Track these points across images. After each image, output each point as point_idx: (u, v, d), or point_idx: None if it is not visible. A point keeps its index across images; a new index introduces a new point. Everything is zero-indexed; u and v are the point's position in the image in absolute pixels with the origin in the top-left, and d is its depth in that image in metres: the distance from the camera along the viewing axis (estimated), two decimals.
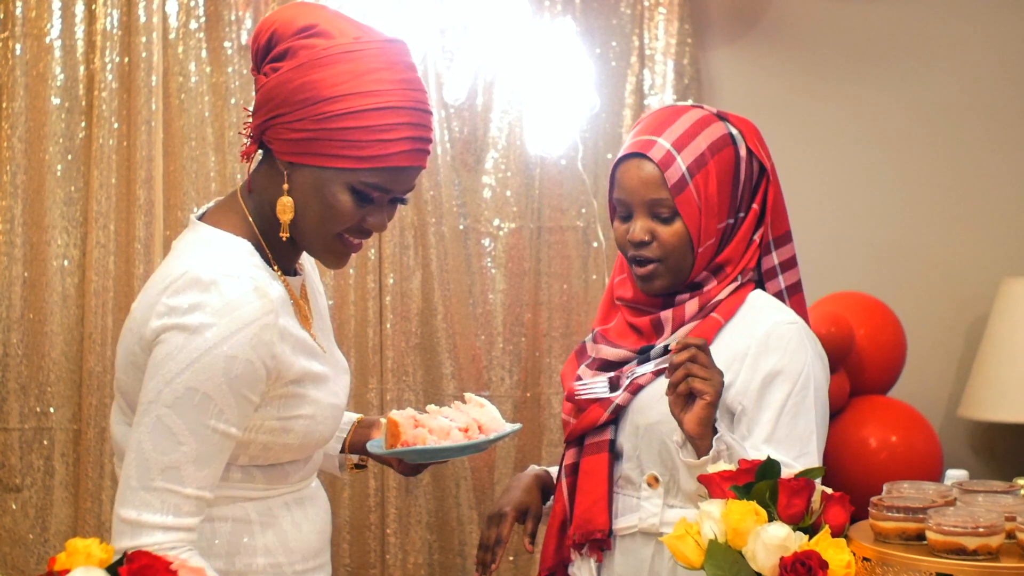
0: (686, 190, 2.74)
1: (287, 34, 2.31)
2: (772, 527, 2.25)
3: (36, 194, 3.77)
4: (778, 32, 4.49)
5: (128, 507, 2.22)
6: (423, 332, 4.06)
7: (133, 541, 2.20)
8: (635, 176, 2.78)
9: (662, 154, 2.75)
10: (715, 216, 2.77)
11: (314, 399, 2.38)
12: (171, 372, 2.21)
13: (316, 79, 2.27)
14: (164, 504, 2.21)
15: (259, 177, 2.39)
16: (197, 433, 2.22)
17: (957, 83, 4.58)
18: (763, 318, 2.77)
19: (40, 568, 3.69)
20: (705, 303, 2.80)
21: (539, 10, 4.10)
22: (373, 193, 2.32)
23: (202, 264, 2.27)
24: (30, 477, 3.77)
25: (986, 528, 2.24)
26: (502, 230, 4.11)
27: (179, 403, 2.21)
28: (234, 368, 2.22)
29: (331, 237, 2.36)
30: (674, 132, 2.78)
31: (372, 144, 2.28)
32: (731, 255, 2.81)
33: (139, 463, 2.22)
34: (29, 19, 3.76)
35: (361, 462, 2.78)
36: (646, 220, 2.78)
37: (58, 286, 3.78)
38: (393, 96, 2.29)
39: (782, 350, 2.73)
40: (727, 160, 2.80)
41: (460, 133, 4.10)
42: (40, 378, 3.77)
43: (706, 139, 2.79)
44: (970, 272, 4.59)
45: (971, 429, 4.61)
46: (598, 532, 2.80)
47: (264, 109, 2.32)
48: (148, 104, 3.78)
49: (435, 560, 4.07)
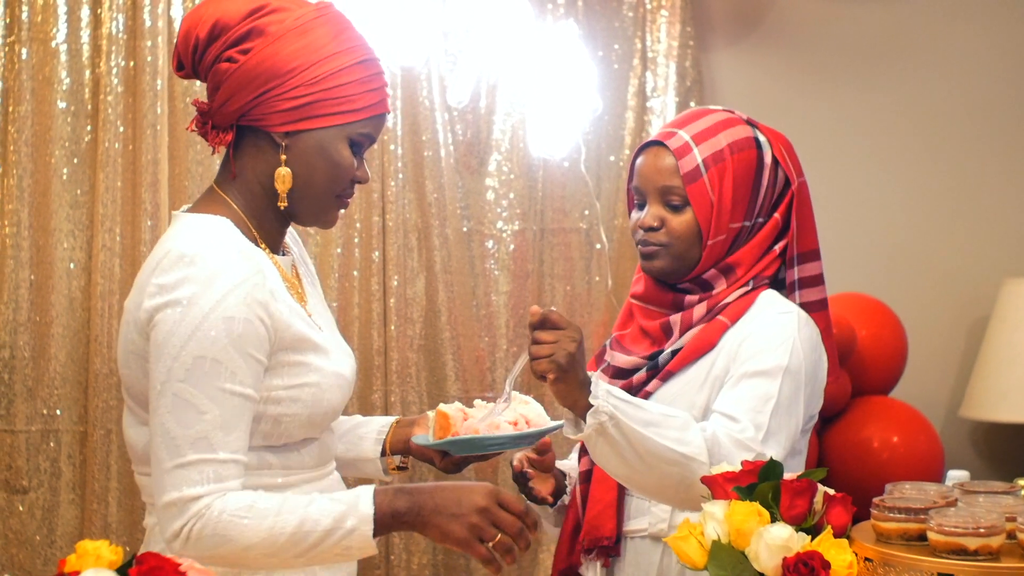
0: (699, 180, 2.76)
1: (236, 19, 2.39)
2: (775, 528, 2.26)
3: (42, 197, 3.79)
4: (780, 34, 4.50)
5: (169, 491, 2.25)
6: (427, 334, 4.07)
7: (183, 518, 2.24)
8: (651, 163, 2.81)
9: (680, 144, 2.78)
10: (728, 213, 2.78)
11: (317, 367, 2.41)
12: (175, 347, 2.25)
13: (300, 46, 2.38)
14: (202, 475, 2.25)
15: (244, 160, 2.45)
16: (216, 399, 2.26)
17: (958, 85, 4.59)
18: (762, 313, 2.78)
19: (47, 570, 3.70)
20: (713, 306, 2.80)
21: (542, 13, 4.11)
22: (364, 144, 2.46)
23: (184, 241, 2.33)
24: (37, 479, 3.78)
25: (987, 528, 2.26)
26: (505, 232, 4.13)
27: (191, 374, 2.25)
28: (235, 328, 2.27)
29: (331, 198, 2.47)
30: (696, 127, 2.82)
31: (362, 95, 2.41)
32: (743, 258, 2.81)
33: (167, 444, 2.25)
34: (35, 23, 3.78)
35: (403, 463, 2.80)
36: (658, 207, 2.80)
37: (64, 289, 3.79)
38: (363, 51, 2.44)
39: (768, 337, 2.73)
40: (747, 161, 2.80)
41: (463, 136, 4.11)
42: (47, 380, 3.78)
43: (728, 137, 2.80)
44: (971, 273, 4.60)
45: (973, 429, 4.62)
46: (605, 539, 2.81)
47: (247, 90, 2.38)
48: (153, 108, 3.79)
49: (439, 561, 4.08)
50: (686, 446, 2.56)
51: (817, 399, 2.81)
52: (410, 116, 4.04)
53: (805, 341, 2.75)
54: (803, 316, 2.79)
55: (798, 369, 2.72)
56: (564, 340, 2.50)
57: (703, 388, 2.76)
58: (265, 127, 2.40)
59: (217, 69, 2.40)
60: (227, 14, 2.39)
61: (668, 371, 2.78)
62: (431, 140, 4.04)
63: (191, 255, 2.30)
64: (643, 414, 2.56)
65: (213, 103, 2.43)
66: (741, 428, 2.63)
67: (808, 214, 2.89)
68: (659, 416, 2.57)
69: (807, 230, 2.88)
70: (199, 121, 2.47)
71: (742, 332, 2.76)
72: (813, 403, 2.79)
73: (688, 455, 2.55)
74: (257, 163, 2.43)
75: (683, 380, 2.78)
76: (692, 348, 2.78)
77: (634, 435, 2.53)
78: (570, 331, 2.51)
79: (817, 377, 2.79)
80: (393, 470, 2.79)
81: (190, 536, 2.24)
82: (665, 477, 2.57)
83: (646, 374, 2.81)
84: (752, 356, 2.72)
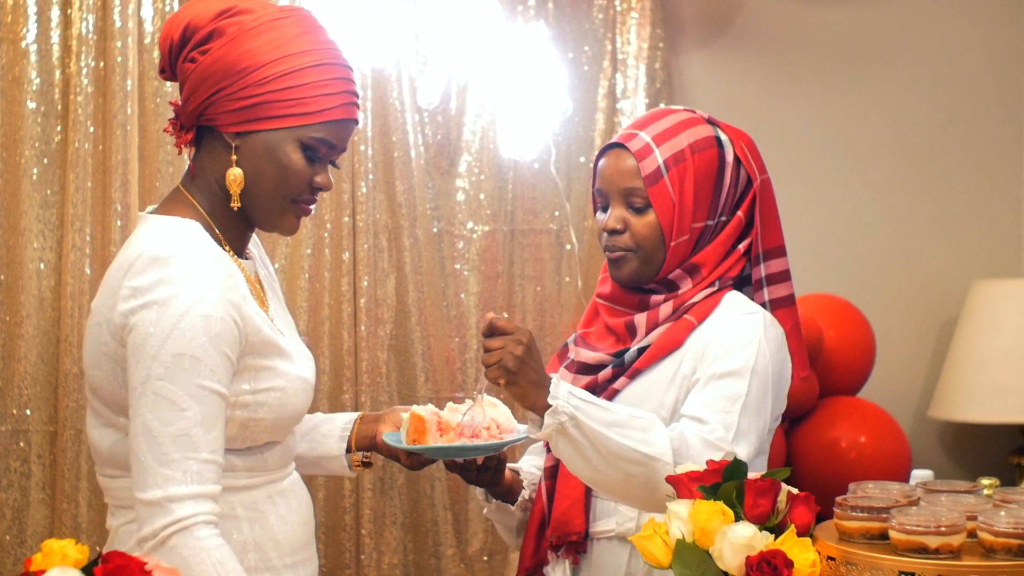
0: (660, 182, 2.78)
1: (205, 20, 2.40)
2: (738, 527, 2.27)
3: (12, 198, 3.78)
4: (750, 36, 4.51)
5: (150, 488, 2.24)
6: (397, 334, 4.08)
7: (165, 518, 2.23)
8: (612, 166, 2.83)
9: (640, 145, 2.80)
10: (690, 214, 2.79)
11: (283, 371, 2.42)
12: (154, 347, 2.25)
13: (252, 47, 2.37)
14: (186, 474, 2.24)
15: (202, 160, 2.46)
16: (196, 396, 2.26)
17: (928, 86, 4.61)
18: (727, 314, 2.80)
19: (16, 569, 3.69)
20: (679, 305, 2.82)
21: (512, 15, 4.12)
22: (320, 149, 2.42)
23: (156, 243, 2.33)
24: (6, 479, 3.78)
25: (948, 527, 2.27)
26: (475, 233, 4.14)
27: (170, 372, 2.25)
28: (212, 326, 2.28)
29: (286, 203, 2.44)
30: (657, 128, 2.83)
31: (315, 99, 2.39)
32: (707, 258, 2.83)
33: (148, 443, 2.24)
34: (5, 23, 3.77)
35: (366, 459, 2.81)
36: (621, 210, 2.82)
37: (34, 289, 3.79)
38: (325, 54, 2.42)
39: (733, 339, 2.74)
40: (708, 161, 2.82)
41: (433, 137, 4.12)
42: (16, 380, 3.78)
43: (688, 137, 2.82)
44: (940, 274, 4.63)
45: (941, 430, 4.65)
46: (574, 534, 2.82)
47: (201, 89, 2.39)
48: (124, 108, 3.79)
49: (410, 560, 4.09)
50: (650, 446, 2.57)
51: (782, 400, 2.83)
52: (380, 117, 4.04)
53: (771, 341, 2.77)
54: (768, 317, 2.80)
55: (765, 369, 2.74)
56: (510, 344, 2.53)
57: (671, 387, 2.77)
58: (218, 127, 2.41)
59: (182, 69, 2.42)
60: (198, 16, 2.41)
61: (635, 369, 2.79)
62: (401, 141, 4.05)
63: (164, 256, 2.30)
64: (606, 415, 2.57)
65: (180, 103, 2.45)
66: (710, 429, 2.64)
67: (772, 211, 2.90)
68: (623, 417, 2.59)
69: (771, 227, 2.89)
70: (173, 120, 2.48)
71: (708, 333, 2.77)
72: (778, 404, 2.81)
73: (652, 455, 2.56)
74: (213, 163, 2.44)
75: (650, 379, 2.79)
76: (659, 346, 2.79)
77: (595, 435, 2.55)
78: (517, 335, 2.54)
79: (783, 377, 2.81)
80: (357, 467, 2.80)
81: (166, 542, 2.23)
82: (629, 477, 2.58)
83: (612, 371, 2.82)
84: (719, 357, 2.73)
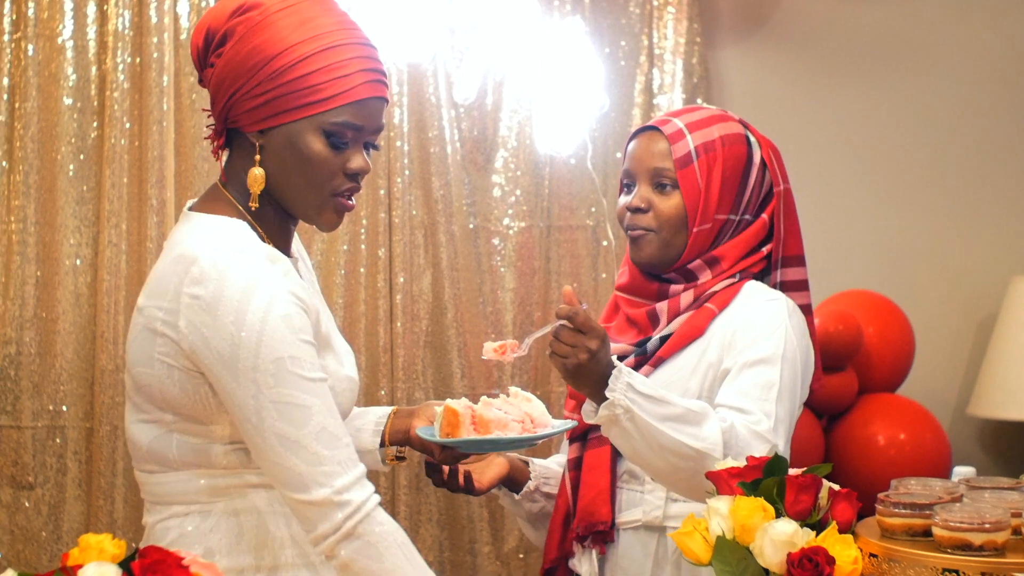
0: (690, 166, 2.82)
1: (221, 22, 2.38)
2: (779, 523, 2.26)
3: (48, 194, 3.79)
4: (787, 31, 4.49)
5: (314, 489, 2.25)
6: (433, 331, 4.07)
7: (342, 511, 2.26)
8: (644, 146, 2.87)
9: (674, 130, 2.85)
10: (715, 203, 2.83)
11: (332, 371, 2.42)
12: (248, 360, 2.25)
13: (260, 42, 2.34)
14: (342, 464, 2.27)
15: (233, 164, 2.44)
16: (311, 391, 2.28)
17: (965, 82, 4.58)
18: (749, 301, 2.82)
19: (52, 565, 3.69)
20: (700, 294, 2.84)
21: (548, 10, 4.11)
22: (346, 133, 2.37)
23: (212, 249, 2.31)
24: (43, 475, 3.78)
25: (992, 524, 2.25)
26: (512, 229, 4.13)
27: (278, 379, 2.25)
28: (294, 322, 2.28)
29: (324, 196, 2.40)
30: (690, 117, 2.89)
31: (330, 83, 2.34)
32: (728, 252, 2.85)
33: (292, 449, 2.25)
34: (41, 20, 3.77)
35: (400, 454, 2.80)
36: (647, 189, 2.85)
37: (70, 285, 3.79)
38: (336, 35, 2.37)
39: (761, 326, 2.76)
40: (738, 155, 2.85)
41: (470, 133, 4.11)
42: (53, 376, 3.78)
43: (721, 130, 2.86)
44: (979, 271, 4.60)
45: (980, 427, 4.62)
46: (601, 524, 2.83)
47: (221, 93, 2.38)
48: (160, 104, 3.79)
49: (445, 558, 4.08)
50: (701, 441, 2.58)
51: (807, 387, 2.85)
52: (416, 112, 4.03)
53: (796, 327, 2.80)
54: (790, 304, 2.84)
55: (794, 356, 2.77)
56: (579, 349, 2.55)
57: (695, 374, 2.79)
58: (241, 128, 2.39)
59: (204, 76, 2.42)
60: (215, 19, 2.39)
61: (659, 357, 2.82)
62: (437, 137, 4.04)
63: (223, 265, 2.28)
64: (661, 408, 2.58)
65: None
66: (756, 420, 2.66)
67: (794, 220, 2.93)
68: (678, 410, 2.60)
69: (792, 236, 2.92)
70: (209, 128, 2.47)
71: (732, 321, 2.79)
72: (804, 391, 2.83)
73: (702, 450, 2.58)
74: (242, 165, 2.42)
75: (674, 366, 2.82)
76: (681, 335, 2.82)
77: (648, 429, 2.56)
78: (589, 338, 2.55)
79: (808, 364, 2.84)
80: (391, 460, 2.80)
81: (353, 532, 2.26)
82: (677, 470, 2.60)
83: (635, 360, 2.83)
84: (748, 346, 2.75)
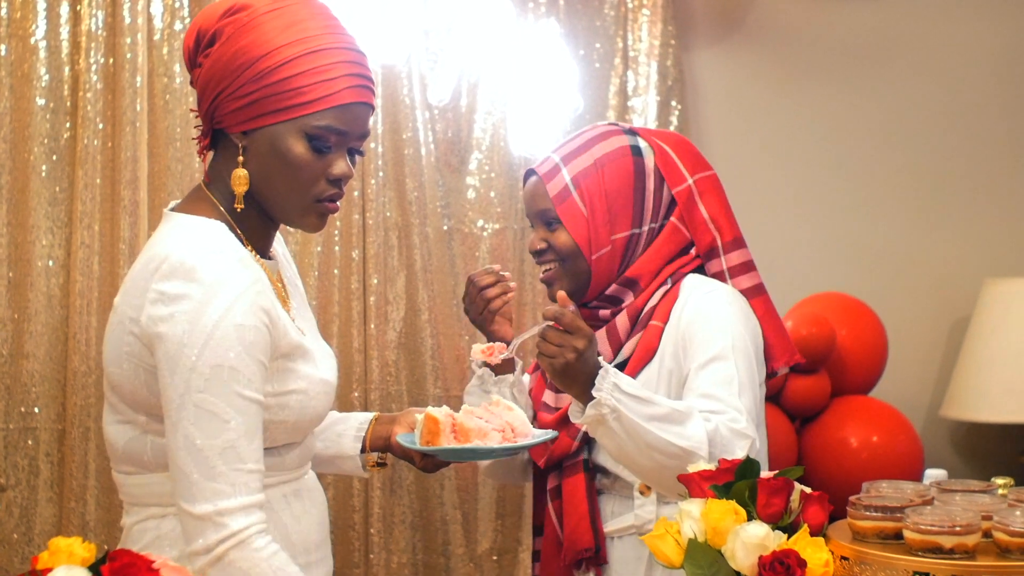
0: (568, 199, 2.85)
1: (211, 23, 2.37)
2: (751, 526, 2.26)
3: (21, 194, 3.77)
4: (762, 34, 4.50)
5: (200, 502, 2.22)
6: (407, 332, 4.06)
7: (218, 533, 2.22)
8: (529, 191, 2.94)
9: (549, 167, 2.89)
10: (605, 225, 2.85)
11: (305, 374, 2.40)
12: (190, 358, 2.23)
13: (246, 43, 2.33)
14: (234, 486, 2.23)
15: (217, 164, 2.43)
16: (237, 407, 2.24)
17: (940, 85, 4.59)
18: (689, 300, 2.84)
19: (24, 567, 3.68)
20: (635, 314, 2.86)
21: (523, 12, 4.11)
22: (329, 137, 2.36)
23: (185, 247, 2.30)
24: (15, 477, 3.76)
25: (963, 527, 2.26)
26: (486, 231, 4.12)
27: (210, 384, 2.23)
28: (247, 335, 2.25)
29: (307, 201, 2.39)
30: (567, 147, 2.92)
31: (314, 87, 2.34)
32: (642, 269, 2.88)
33: (193, 456, 2.22)
34: (14, 20, 3.76)
35: (381, 460, 2.80)
36: (542, 230, 2.91)
37: (43, 286, 3.78)
38: (323, 39, 2.36)
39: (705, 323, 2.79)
40: (622, 170, 2.88)
41: (444, 134, 4.11)
42: (24, 378, 3.76)
43: (599, 151, 2.89)
44: (952, 273, 4.61)
45: (953, 429, 4.63)
46: (585, 550, 2.85)
47: (207, 93, 2.37)
48: (133, 105, 3.77)
49: (419, 560, 4.08)
50: (687, 440, 2.60)
51: (762, 367, 2.87)
52: (391, 114, 4.03)
53: (738, 314, 2.83)
54: (727, 290, 2.86)
55: (744, 344, 2.79)
56: (567, 349, 2.56)
57: (660, 387, 2.82)
58: (225, 129, 2.38)
59: (193, 76, 2.41)
60: (207, 19, 2.39)
61: None
62: (412, 138, 4.04)
63: (192, 263, 2.27)
64: (647, 408, 2.60)
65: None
66: (732, 417, 2.68)
67: (721, 205, 2.93)
68: (664, 410, 2.61)
69: (725, 220, 2.93)
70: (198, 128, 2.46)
71: (678, 325, 2.82)
72: (761, 370, 2.86)
73: (688, 449, 2.59)
74: (228, 165, 2.40)
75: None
76: (637, 359, 2.86)
77: (635, 428, 2.57)
78: (576, 338, 2.56)
79: (758, 344, 2.86)
80: (372, 467, 2.79)
81: (223, 558, 2.22)
82: (663, 468, 2.61)
83: None
84: (699, 345, 2.78)
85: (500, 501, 4.11)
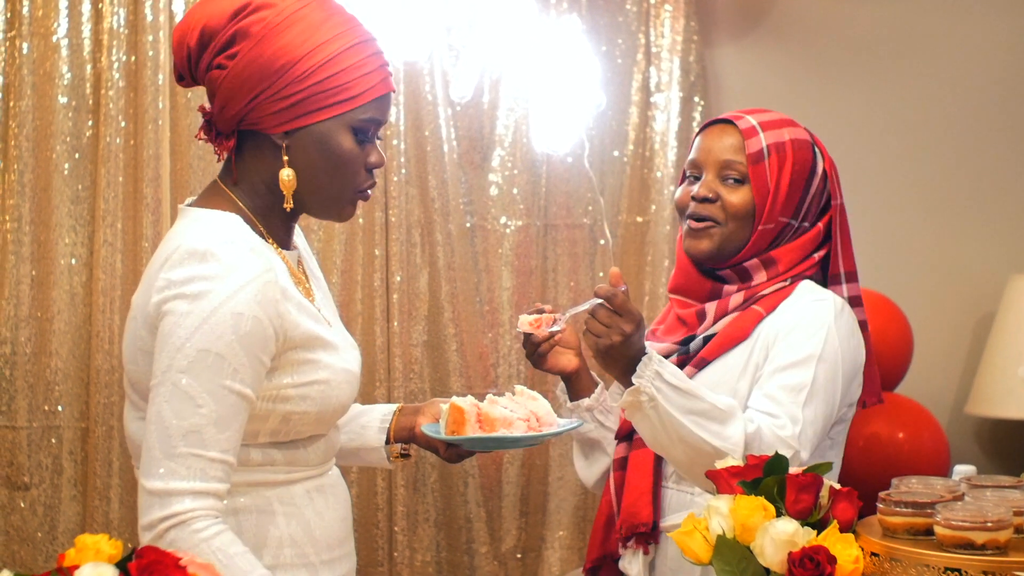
0: (761, 163, 2.82)
1: (222, 22, 2.35)
2: (780, 522, 2.25)
3: (43, 193, 3.77)
4: (784, 29, 4.49)
5: (154, 478, 2.22)
6: (430, 330, 4.06)
7: (162, 511, 2.21)
8: (716, 138, 2.87)
9: (748, 126, 2.85)
10: (781, 203, 2.83)
11: (327, 364, 2.40)
12: (180, 338, 2.23)
13: (285, 43, 2.33)
14: (190, 470, 2.22)
15: (247, 164, 2.42)
16: (214, 394, 2.24)
17: (964, 81, 4.57)
18: (797, 302, 2.81)
19: (48, 566, 3.69)
20: (750, 296, 2.83)
21: (545, 8, 4.10)
22: (370, 128, 2.40)
23: (196, 237, 2.31)
24: (38, 475, 3.77)
25: (994, 523, 2.24)
26: (509, 228, 4.12)
27: (193, 366, 2.23)
28: (242, 325, 2.25)
29: (350, 193, 2.43)
30: (762, 116, 2.89)
31: (356, 81, 2.36)
32: (784, 255, 2.85)
33: (160, 432, 2.23)
34: (36, 18, 3.76)
35: (405, 451, 2.80)
36: (714, 181, 2.85)
37: (65, 284, 3.78)
38: (353, 34, 2.39)
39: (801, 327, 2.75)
40: (805, 161, 2.87)
41: (466, 131, 4.10)
42: (48, 376, 3.77)
43: (791, 134, 2.88)
44: (977, 269, 4.59)
45: (978, 426, 4.61)
46: (642, 525, 2.82)
47: (239, 95, 2.35)
48: (155, 102, 3.77)
49: (443, 558, 4.07)
50: (722, 440, 2.58)
51: (856, 387, 2.84)
52: (413, 111, 4.02)
53: (841, 328, 2.78)
54: (839, 303, 2.81)
55: (834, 356, 2.75)
56: (614, 330, 2.56)
57: (744, 376, 2.79)
58: (263, 130, 2.37)
59: (210, 78, 2.38)
60: (212, 18, 2.36)
61: (702, 359, 2.82)
62: (434, 135, 4.03)
63: (203, 251, 2.27)
64: (686, 401, 2.58)
65: (213, 110, 2.41)
66: (781, 424, 2.66)
67: (847, 237, 2.94)
68: (704, 405, 2.60)
69: (847, 251, 2.93)
70: (205, 127, 2.44)
71: (778, 322, 2.79)
72: (852, 391, 2.82)
73: (721, 449, 2.58)
74: (260, 166, 2.40)
75: (721, 368, 2.81)
76: (726, 336, 2.81)
77: (671, 420, 2.56)
78: (624, 321, 2.56)
79: (855, 364, 2.82)
80: (396, 458, 2.79)
81: (163, 537, 2.22)
82: (695, 464, 2.60)
83: (678, 359, 2.82)
84: (787, 347, 2.75)
85: (524, 499, 4.11)
